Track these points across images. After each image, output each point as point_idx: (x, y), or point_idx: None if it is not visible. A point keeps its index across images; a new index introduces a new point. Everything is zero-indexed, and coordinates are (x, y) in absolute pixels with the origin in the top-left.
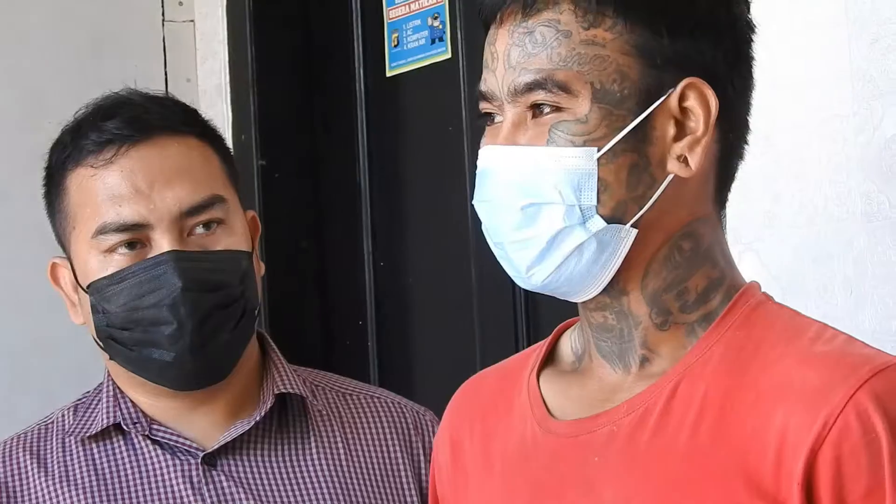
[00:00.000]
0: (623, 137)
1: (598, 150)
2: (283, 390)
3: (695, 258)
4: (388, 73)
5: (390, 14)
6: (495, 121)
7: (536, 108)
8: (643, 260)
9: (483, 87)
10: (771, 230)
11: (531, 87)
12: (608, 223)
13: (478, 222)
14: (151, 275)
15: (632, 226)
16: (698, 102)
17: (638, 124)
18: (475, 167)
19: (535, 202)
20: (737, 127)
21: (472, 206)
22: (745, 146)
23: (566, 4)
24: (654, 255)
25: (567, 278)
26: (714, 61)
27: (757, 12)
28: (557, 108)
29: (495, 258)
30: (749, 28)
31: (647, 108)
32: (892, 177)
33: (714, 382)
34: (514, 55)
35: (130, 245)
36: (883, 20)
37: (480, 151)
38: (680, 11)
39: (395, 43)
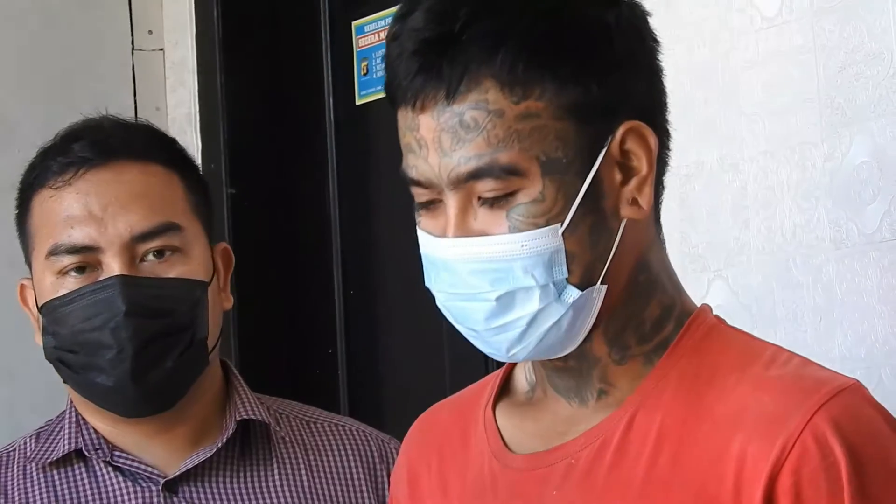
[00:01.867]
0: (579, 203)
1: (562, 225)
2: (246, 417)
3: (648, 288)
4: (358, 102)
5: (360, 42)
6: (430, 205)
7: (484, 198)
8: (608, 307)
9: (413, 174)
10: (740, 257)
11: (475, 174)
12: (581, 290)
13: None
14: (97, 298)
15: (601, 283)
16: (638, 144)
17: (588, 184)
18: (423, 266)
19: (510, 290)
20: (663, 141)
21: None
22: (669, 152)
23: (489, 83)
24: (617, 299)
25: (546, 348)
26: (641, 94)
27: (724, 40)
28: (508, 194)
29: None
30: (655, 41)
31: (592, 164)
32: (860, 204)
33: (670, 411)
34: (446, 142)
35: (81, 268)
36: (851, 48)
37: (431, 240)
38: (602, 59)
39: (365, 71)
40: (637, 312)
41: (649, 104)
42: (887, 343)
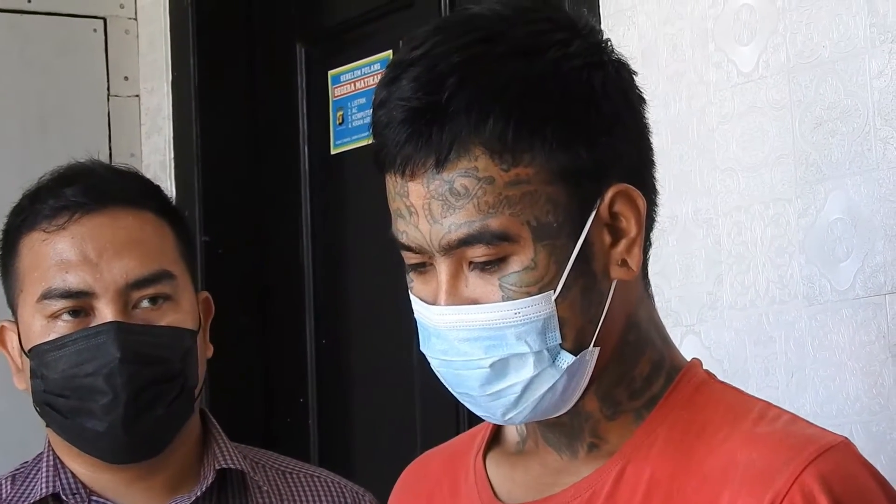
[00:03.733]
0: (571, 267)
1: (555, 292)
2: (224, 465)
3: (638, 346)
4: (333, 151)
5: (336, 92)
6: (420, 268)
7: (475, 263)
8: (600, 366)
9: (404, 240)
10: (713, 312)
11: (466, 241)
12: (574, 354)
13: None
14: (91, 344)
15: (593, 345)
16: (626, 206)
17: (579, 248)
18: (417, 329)
19: (503, 357)
20: (650, 199)
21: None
22: (656, 208)
23: (479, 150)
24: (609, 359)
25: (543, 411)
26: (629, 156)
27: (700, 95)
28: (500, 259)
29: None
30: (641, 100)
31: (582, 227)
32: (834, 261)
33: (660, 465)
34: (436, 209)
35: (74, 312)
36: (827, 104)
37: (423, 307)
38: (590, 123)
39: (341, 121)
40: (628, 370)
41: (637, 164)
42: (858, 400)
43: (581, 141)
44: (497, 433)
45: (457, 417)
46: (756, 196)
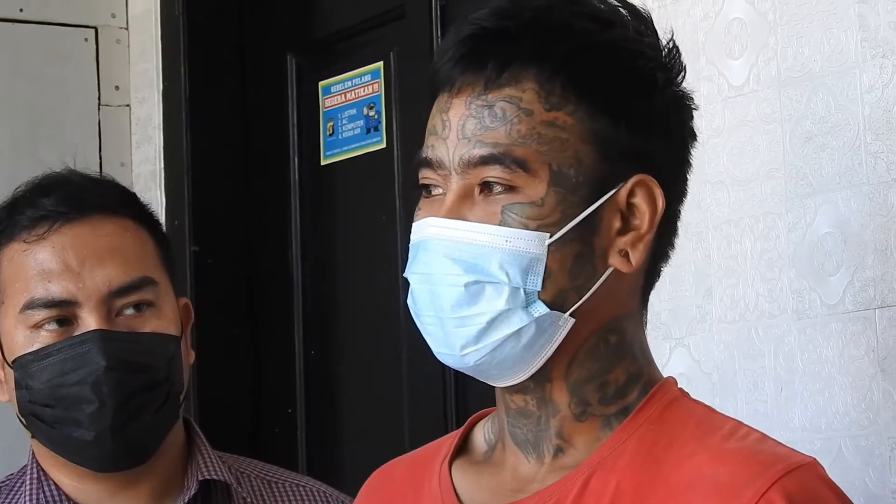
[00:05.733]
0: (574, 226)
1: (551, 237)
2: (208, 476)
3: (618, 352)
4: (323, 162)
5: (326, 103)
6: (433, 193)
7: (486, 186)
8: (572, 349)
9: (429, 153)
10: (702, 326)
11: (487, 160)
12: (549, 309)
13: (410, 314)
14: (76, 352)
15: (570, 315)
16: (645, 200)
17: (588, 214)
18: (409, 255)
19: (480, 280)
20: (669, 231)
21: (405, 295)
22: (671, 250)
23: (529, 84)
24: (582, 345)
25: (499, 361)
26: (663, 161)
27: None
28: (511, 188)
29: (427, 348)
30: (692, 136)
31: (599, 198)
32: (823, 275)
33: (626, 476)
34: (469, 126)
35: (58, 322)
36: (817, 118)
37: (421, 221)
38: (639, 106)
39: (331, 131)
40: (601, 371)
41: (669, 178)
42: (847, 415)
43: (625, 117)
44: (465, 442)
45: (445, 429)
46: (746, 210)
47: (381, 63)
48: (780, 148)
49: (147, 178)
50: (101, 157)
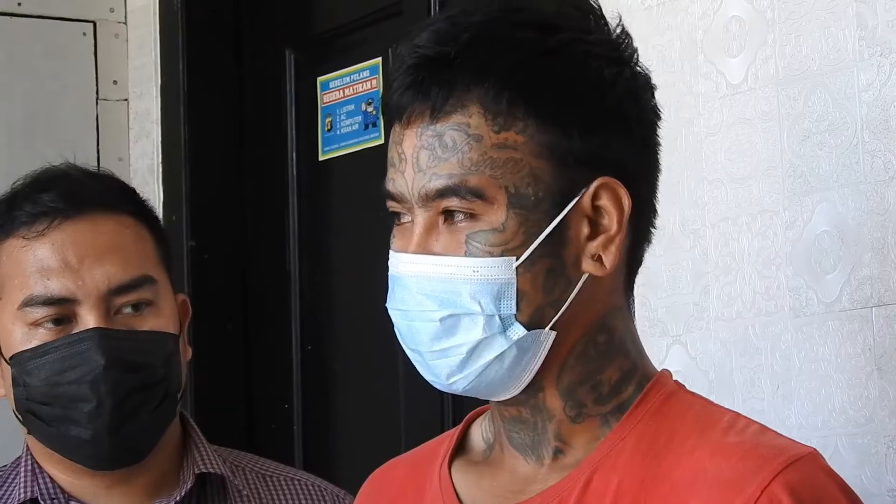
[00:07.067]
0: (539, 244)
1: (517, 259)
2: (204, 470)
3: (609, 351)
4: (321, 158)
5: (324, 98)
6: (402, 220)
7: (448, 214)
8: (560, 357)
9: (391, 187)
10: (699, 323)
11: (443, 193)
12: (528, 329)
13: None
14: (74, 350)
15: (550, 328)
16: (611, 202)
17: (552, 229)
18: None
19: (455, 313)
20: (645, 214)
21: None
22: (653, 229)
23: (475, 108)
24: (571, 352)
25: (488, 383)
26: (624, 155)
27: (689, 106)
28: (472, 216)
29: None
30: (655, 115)
31: (561, 210)
32: (820, 273)
33: (628, 474)
34: (423, 158)
35: (56, 320)
36: (815, 116)
37: (393, 257)
38: (590, 109)
39: (329, 127)
40: (594, 371)
41: (634, 169)
42: (844, 412)
43: (577, 124)
44: (463, 441)
45: (441, 424)
46: (743, 207)
47: (379, 59)
48: (777, 146)
49: (145, 173)
50: (98, 152)
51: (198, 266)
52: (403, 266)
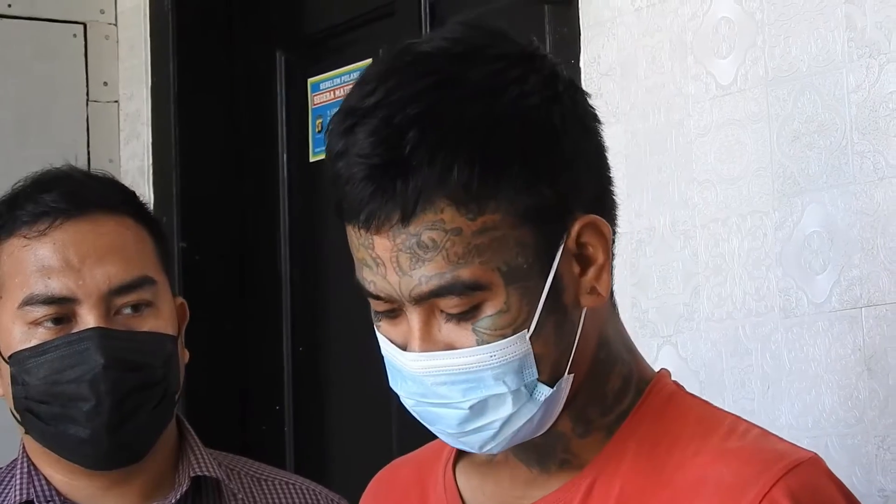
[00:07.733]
0: (543, 305)
1: (529, 331)
2: (199, 473)
3: (608, 363)
4: (312, 159)
5: (315, 100)
6: (391, 314)
7: (448, 314)
8: (574, 389)
9: (373, 289)
10: (690, 324)
11: (438, 293)
12: (551, 386)
13: None
14: (74, 350)
15: (568, 373)
16: (593, 235)
17: (549, 284)
18: (386, 369)
19: (482, 398)
20: (613, 214)
21: None
22: (616, 226)
23: (444, 202)
24: (583, 380)
25: (520, 439)
26: (591, 185)
27: (679, 107)
28: (473, 307)
29: None
30: (596, 121)
31: (552, 264)
32: (810, 273)
33: (630, 479)
34: (403, 262)
35: (56, 319)
36: (805, 118)
37: (395, 351)
38: (550, 160)
39: (320, 128)
40: (599, 387)
41: (598, 191)
42: (834, 413)
43: (544, 180)
44: None
45: None
46: (733, 208)
47: (370, 60)
48: (767, 147)
49: (135, 175)
50: (89, 154)
51: (189, 267)
52: (414, 364)
